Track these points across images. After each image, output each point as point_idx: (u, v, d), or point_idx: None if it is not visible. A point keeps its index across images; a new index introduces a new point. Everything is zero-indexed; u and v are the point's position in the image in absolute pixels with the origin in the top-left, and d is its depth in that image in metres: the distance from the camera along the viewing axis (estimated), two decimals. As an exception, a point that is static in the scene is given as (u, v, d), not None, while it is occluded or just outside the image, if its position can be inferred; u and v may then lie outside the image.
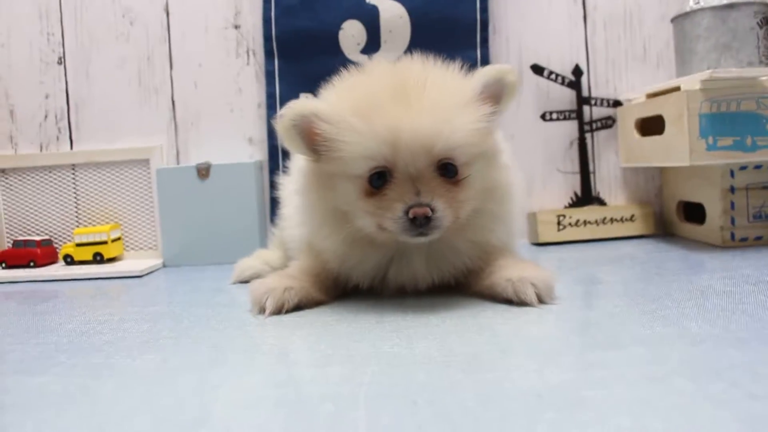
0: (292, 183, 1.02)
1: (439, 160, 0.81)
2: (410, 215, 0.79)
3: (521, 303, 0.82)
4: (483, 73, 0.86)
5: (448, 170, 0.82)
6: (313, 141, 0.85)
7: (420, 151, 0.79)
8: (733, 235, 1.22)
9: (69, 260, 1.45)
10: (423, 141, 0.79)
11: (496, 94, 0.86)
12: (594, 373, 0.57)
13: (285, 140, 0.87)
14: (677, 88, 1.21)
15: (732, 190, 1.22)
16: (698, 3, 1.29)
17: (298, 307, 0.89)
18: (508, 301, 0.84)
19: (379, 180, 0.82)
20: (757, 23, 1.25)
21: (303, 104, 0.86)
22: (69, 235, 1.51)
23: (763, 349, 0.61)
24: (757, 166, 1.21)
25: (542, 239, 1.41)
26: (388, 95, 0.81)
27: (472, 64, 1.42)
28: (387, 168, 0.81)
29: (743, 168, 1.21)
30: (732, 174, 1.21)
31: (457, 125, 0.80)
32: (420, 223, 0.79)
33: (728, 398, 0.49)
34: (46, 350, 0.77)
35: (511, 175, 0.93)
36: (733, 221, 1.22)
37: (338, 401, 0.54)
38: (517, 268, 0.87)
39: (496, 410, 0.50)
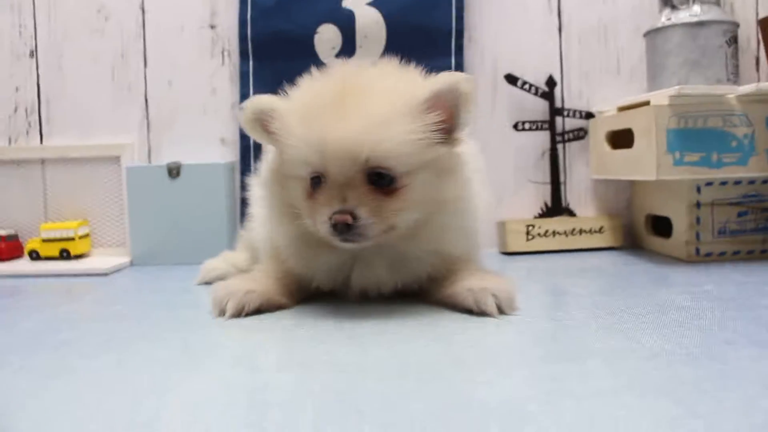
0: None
1: (368, 168, 0.80)
2: (332, 221, 0.79)
3: (481, 313, 0.83)
4: (435, 81, 0.83)
5: (382, 178, 0.81)
6: (270, 135, 0.88)
7: (346, 159, 0.79)
8: (698, 250, 1.23)
9: (35, 256, 1.43)
10: (349, 149, 0.79)
11: (451, 104, 0.82)
12: (543, 387, 0.57)
13: (248, 131, 0.91)
14: (647, 103, 1.22)
15: (698, 205, 1.23)
16: (670, 19, 1.30)
17: (258, 311, 0.88)
18: (469, 311, 0.84)
19: (317, 183, 0.83)
20: (726, 42, 1.27)
21: (262, 100, 0.88)
22: (36, 231, 1.49)
23: (712, 366, 0.61)
24: (723, 182, 1.22)
25: (511, 248, 1.41)
26: (328, 100, 0.82)
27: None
28: (320, 173, 0.82)
29: (709, 184, 1.22)
30: (698, 189, 1.23)
31: (390, 134, 0.79)
32: (341, 229, 0.79)
33: (671, 415, 0.50)
34: (-2, 349, 0.76)
35: (473, 188, 0.91)
36: (698, 236, 1.23)
37: (287, 408, 0.54)
38: (478, 278, 0.87)
39: (442, 422, 0.50)
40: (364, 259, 0.89)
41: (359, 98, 0.81)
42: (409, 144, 0.80)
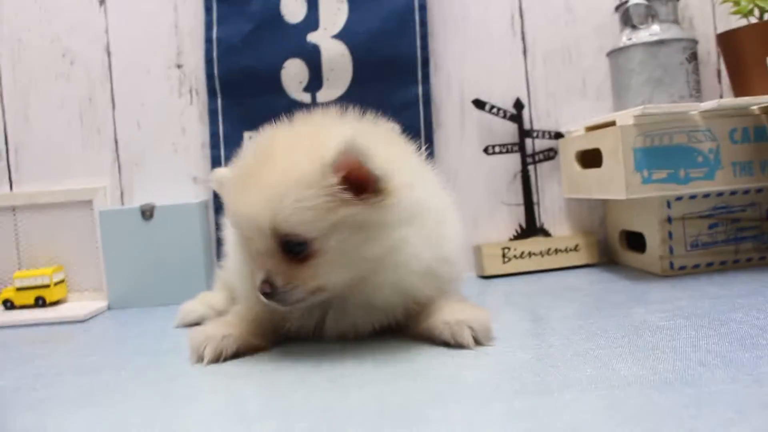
0: None
1: (277, 238, 0.80)
2: (258, 289, 0.83)
3: (458, 345, 0.83)
4: (339, 141, 0.78)
5: (295, 245, 0.81)
6: None
7: (254, 231, 0.82)
8: (672, 264, 1.25)
9: (9, 305, 1.41)
10: (254, 221, 0.81)
11: (356, 162, 0.78)
12: (518, 424, 0.58)
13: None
14: (613, 123, 1.24)
15: (669, 220, 1.25)
16: (630, 39, 1.33)
17: (236, 355, 0.88)
18: (446, 344, 0.84)
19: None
20: (686, 58, 1.29)
21: (217, 172, 0.96)
22: (9, 280, 1.47)
23: (685, 391, 0.62)
24: (693, 196, 1.24)
25: (488, 272, 1.42)
26: (243, 171, 0.86)
27: (414, 102, 1.45)
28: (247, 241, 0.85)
29: (679, 198, 1.24)
30: (669, 205, 1.24)
31: (287, 203, 0.78)
32: (268, 296, 0.83)
33: (644, 449, 0.50)
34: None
35: (409, 242, 0.84)
36: (671, 250, 1.25)
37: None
38: (454, 310, 0.87)
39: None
40: (337, 304, 0.89)
41: (263, 168, 0.82)
42: (310, 210, 0.78)
